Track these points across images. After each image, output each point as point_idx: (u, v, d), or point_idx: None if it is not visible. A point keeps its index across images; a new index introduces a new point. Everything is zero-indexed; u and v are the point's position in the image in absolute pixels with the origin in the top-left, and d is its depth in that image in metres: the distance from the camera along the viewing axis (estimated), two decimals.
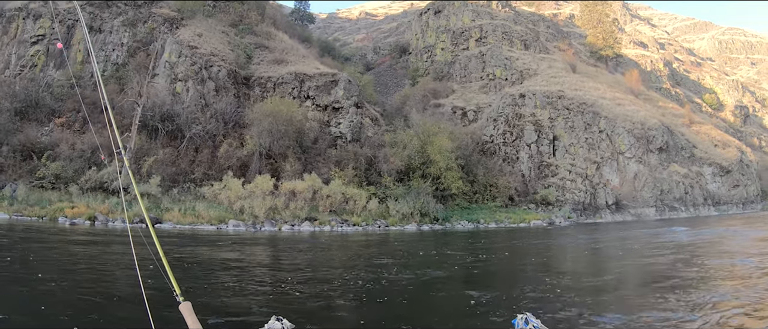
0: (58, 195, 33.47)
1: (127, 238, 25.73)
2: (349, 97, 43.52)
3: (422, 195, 39.11)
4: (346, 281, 15.08)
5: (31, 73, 44.25)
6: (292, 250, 23.58)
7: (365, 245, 26.13)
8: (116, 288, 13.26)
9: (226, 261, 18.96)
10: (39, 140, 37.76)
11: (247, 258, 20.73)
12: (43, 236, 23.55)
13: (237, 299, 12.59)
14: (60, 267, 15.88)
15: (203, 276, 15.15)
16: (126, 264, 15.86)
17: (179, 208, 32.50)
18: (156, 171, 35.10)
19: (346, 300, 12.74)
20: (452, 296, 13.88)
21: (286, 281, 14.68)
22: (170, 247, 22.05)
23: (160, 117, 37.57)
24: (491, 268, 19.52)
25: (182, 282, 13.34)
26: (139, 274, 6.23)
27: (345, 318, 11.19)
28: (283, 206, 33.97)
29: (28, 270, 14.73)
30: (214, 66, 41.95)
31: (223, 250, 22.50)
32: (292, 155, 38.19)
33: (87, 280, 13.93)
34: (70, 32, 45.77)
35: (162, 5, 48.76)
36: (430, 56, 71.20)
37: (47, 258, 17.42)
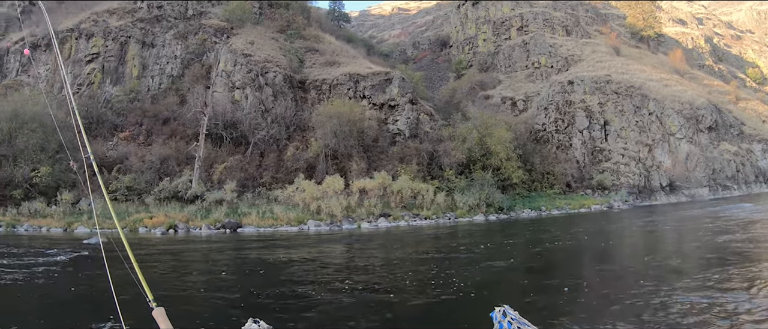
0: (134, 207, 33.88)
1: (224, 243, 26.41)
2: (403, 94, 43.38)
3: (486, 186, 39.09)
4: (431, 275, 14.97)
5: (89, 90, 44.94)
6: (384, 245, 23.67)
7: (442, 237, 26.33)
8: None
9: (340, 258, 19.44)
10: (106, 154, 38.31)
11: (353, 254, 21.07)
12: (151, 245, 24.19)
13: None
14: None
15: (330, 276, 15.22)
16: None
17: (256, 212, 32.59)
18: (226, 178, 35.38)
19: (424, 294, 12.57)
20: (543, 284, 13.67)
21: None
22: (272, 250, 22.34)
23: (223, 125, 37.81)
24: (582, 250, 19.94)
25: (315, 284, 13.35)
26: (109, 277, 6.03)
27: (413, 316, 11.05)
28: (357, 204, 33.98)
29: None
30: (269, 72, 42.14)
31: (330, 247, 23.03)
32: (356, 155, 38.20)
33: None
34: (123, 49, 46.44)
35: (211, 16, 49.22)
36: (471, 48, 70.71)
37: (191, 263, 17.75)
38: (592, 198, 46.95)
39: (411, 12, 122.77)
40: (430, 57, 70.08)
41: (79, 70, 46.41)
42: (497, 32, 70.87)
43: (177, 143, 38.41)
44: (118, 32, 46.71)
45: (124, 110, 42.73)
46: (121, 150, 38.62)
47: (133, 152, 37.79)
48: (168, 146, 37.78)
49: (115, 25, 47.29)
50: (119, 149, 38.83)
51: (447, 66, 68.53)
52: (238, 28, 47.79)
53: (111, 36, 46.57)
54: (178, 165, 36.79)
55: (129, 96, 43.58)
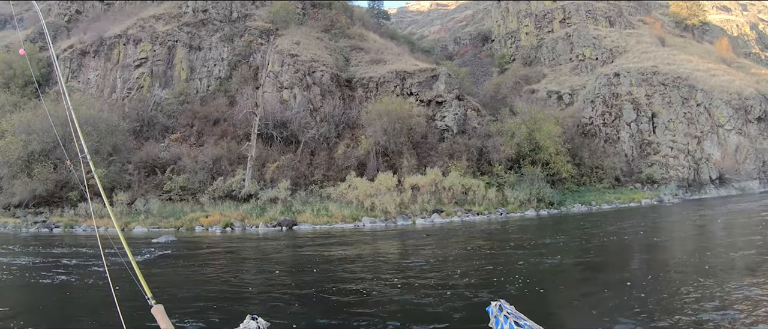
0: (189, 206, 34.29)
1: (281, 240, 26.58)
2: (450, 90, 43.08)
3: (536, 181, 38.69)
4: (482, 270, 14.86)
5: (139, 94, 45.73)
6: (440, 241, 23.61)
7: (496, 233, 26.04)
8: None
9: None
10: (159, 156, 38.93)
11: (410, 250, 20.89)
12: (212, 243, 24.69)
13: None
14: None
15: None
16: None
17: (310, 209, 32.65)
18: (278, 176, 35.59)
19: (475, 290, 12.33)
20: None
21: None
22: (329, 246, 22.38)
23: (273, 125, 38.03)
24: (638, 245, 19.55)
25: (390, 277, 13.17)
26: (109, 279, 6.18)
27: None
28: (410, 201, 33.82)
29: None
30: (316, 72, 42.23)
31: (389, 243, 23.32)
32: (407, 151, 38.06)
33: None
34: (170, 53, 47.15)
35: (255, 18, 49.63)
36: (514, 42, 69.94)
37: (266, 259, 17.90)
38: (641, 192, 46.15)
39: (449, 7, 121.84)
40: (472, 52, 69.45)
41: (128, 75, 47.26)
42: (539, 25, 69.93)
43: (228, 143, 38.75)
44: (165, 37, 47.42)
45: (174, 113, 43.35)
46: (173, 151, 39.17)
47: (185, 153, 38.28)
48: (220, 147, 38.15)
49: (162, 30, 48.00)
50: (171, 151, 39.39)
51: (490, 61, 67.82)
52: (283, 29, 48.07)
53: (158, 41, 47.29)
54: (230, 165, 37.10)
55: (178, 99, 44.21)
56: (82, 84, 49.65)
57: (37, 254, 20.69)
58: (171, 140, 40.80)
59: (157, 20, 49.82)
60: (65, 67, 51.42)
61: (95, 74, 49.44)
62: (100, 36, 50.51)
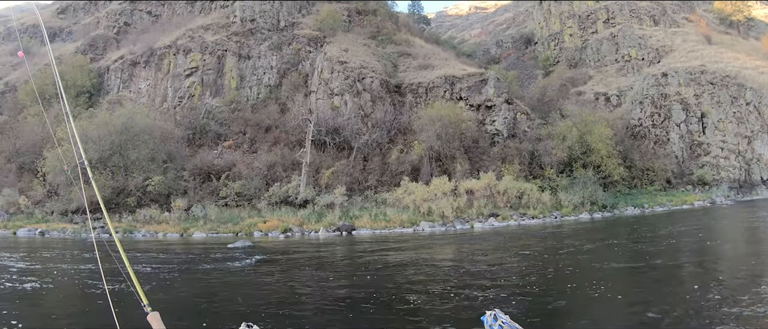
0: (246, 211, 34.66)
1: (341, 245, 26.66)
2: (499, 94, 42.83)
3: (589, 184, 38.27)
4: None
5: (190, 103, 46.52)
6: (503, 244, 23.50)
7: (556, 236, 26.08)
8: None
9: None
10: (213, 162, 39.46)
11: (471, 254, 21.43)
12: (288, 248, 25.46)
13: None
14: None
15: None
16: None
17: (367, 214, 32.73)
18: (333, 182, 35.81)
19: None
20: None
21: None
22: (401, 252, 22.57)
23: (325, 131, 38.29)
24: (700, 248, 19.40)
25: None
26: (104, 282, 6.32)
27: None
28: (466, 205, 33.72)
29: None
30: (366, 78, 42.42)
31: (459, 247, 23.65)
32: (460, 156, 37.98)
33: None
34: (220, 62, 47.92)
35: (303, 26, 50.12)
36: (557, 44, 69.24)
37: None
38: (692, 194, 45.41)
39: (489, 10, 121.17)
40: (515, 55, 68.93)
41: (178, 84, 48.12)
42: (583, 26, 69.12)
43: (281, 149, 39.17)
44: (215, 46, 48.17)
45: (225, 120, 43.98)
46: (227, 158, 39.69)
47: (239, 160, 38.82)
48: (273, 153, 38.58)
49: (211, 40, 48.77)
50: (225, 157, 39.91)
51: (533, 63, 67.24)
52: (331, 37, 48.44)
53: (208, 50, 48.06)
54: (284, 171, 37.44)
55: (229, 107, 44.86)
56: (134, 93, 50.72)
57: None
58: (224, 148, 41.38)
59: (205, 30, 50.63)
60: (117, 78, 52.65)
61: (146, 84, 50.47)
62: (150, 47, 51.56)
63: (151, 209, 36.23)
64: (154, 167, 38.13)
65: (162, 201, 37.15)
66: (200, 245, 26.73)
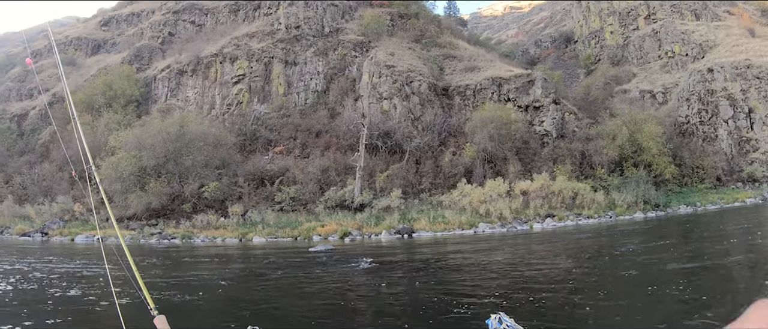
0: (303, 216, 35.07)
1: (406, 247, 26.78)
2: (546, 94, 42.72)
3: (641, 183, 37.93)
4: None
5: (238, 109, 47.25)
6: (569, 245, 23.60)
7: (616, 236, 25.95)
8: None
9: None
10: (266, 168, 40.00)
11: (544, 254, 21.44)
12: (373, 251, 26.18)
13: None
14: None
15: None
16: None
17: (425, 217, 32.89)
18: (388, 186, 36.08)
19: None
20: None
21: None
22: (472, 253, 22.77)
23: (377, 135, 38.56)
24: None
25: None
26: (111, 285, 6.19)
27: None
28: (523, 206, 33.71)
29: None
30: (414, 81, 42.66)
31: (522, 248, 23.81)
32: (512, 157, 37.97)
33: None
34: (267, 69, 48.61)
35: (347, 31, 50.58)
36: (598, 42, 68.51)
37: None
38: (743, 191, 44.48)
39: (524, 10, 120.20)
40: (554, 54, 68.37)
41: (226, 92, 48.92)
42: (624, 23, 68.29)
43: (334, 154, 39.57)
44: (261, 54, 48.88)
45: (275, 126, 44.55)
46: (279, 163, 40.21)
47: (292, 165, 39.29)
48: (326, 158, 39.00)
49: (257, 47, 49.49)
50: (277, 163, 40.43)
51: (575, 62, 66.66)
52: (375, 41, 48.83)
53: (254, 57, 48.78)
54: (338, 175, 37.82)
55: (279, 113, 45.44)
56: (181, 101, 51.67)
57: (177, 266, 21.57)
58: (275, 153, 41.92)
59: (250, 38, 51.40)
60: (164, 87, 53.68)
61: (194, 92, 51.39)
62: (196, 55, 52.48)
63: (207, 214, 36.83)
64: (208, 173, 38.74)
65: (217, 207, 37.75)
66: (273, 249, 27.08)
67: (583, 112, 46.64)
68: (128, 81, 54.11)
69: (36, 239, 37.08)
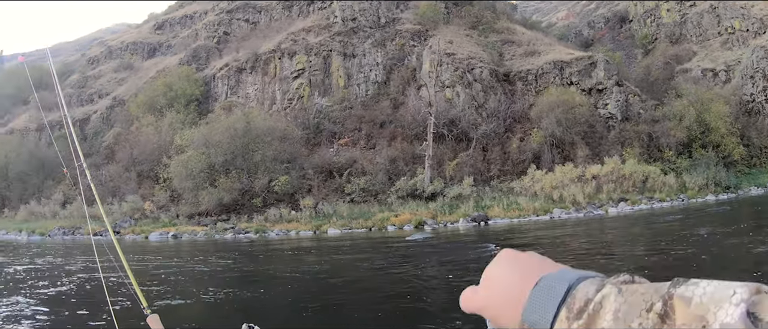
0: (376, 207, 35.51)
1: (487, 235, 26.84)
2: (609, 76, 42.14)
3: (711, 165, 37.21)
4: None
5: (300, 103, 48.01)
6: (658, 228, 23.74)
7: (697, 218, 25.60)
8: None
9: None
10: (333, 160, 40.63)
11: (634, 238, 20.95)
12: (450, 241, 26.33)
13: None
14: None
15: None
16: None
17: (497, 204, 33.00)
18: (457, 174, 36.30)
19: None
20: None
21: None
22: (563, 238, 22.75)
23: (442, 124, 38.73)
24: None
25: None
26: (103, 284, 6.33)
27: None
28: (595, 191, 33.50)
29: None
30: (475, 69, 42.67)
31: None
32: (579, 142, 37.72)
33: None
34: (326, 62, 49.19)
35: (403, 21, 50.77)
36: (654, 20, 66.71)
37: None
38: None
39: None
40: (609, 35, 66.96)
41: (286, 87, 49.74)
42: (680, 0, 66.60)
43: (400, 144, 39.94)
44: (319, 47, 49.45)
45: (338, 119, 45.14)
46: (346, 155, 40.78)
47: (360, 156, 39.85)
48: (393, 148, 39.43)
49: (315, 41, 50.09)
50: (343, 155, 41.02)
51: (631, 42, 65.14)
52: (433, 30, 48.86)
53: (313, 52, 49.39)
54: (406, 165, 38.19)
55: (341, 105, 46.02)
56: (242, 98, 52.73)
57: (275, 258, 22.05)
58: (340, 145, 42.50)
59: (307, 33, 52.03)
60: (224, 85, 54.83)
61: (254, 88, 52.36)
62: (254, 52, 53.41)
63: (278, 208, 37.54)
64: (277, 167, 39.46)
65: (287, 200, 38.45)
66: (359, 240, 27.61)
67: (645, 93, 45.88)
68: (188, 81, 55.37)
69: (108, 237, 38.31)
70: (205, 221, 38.58)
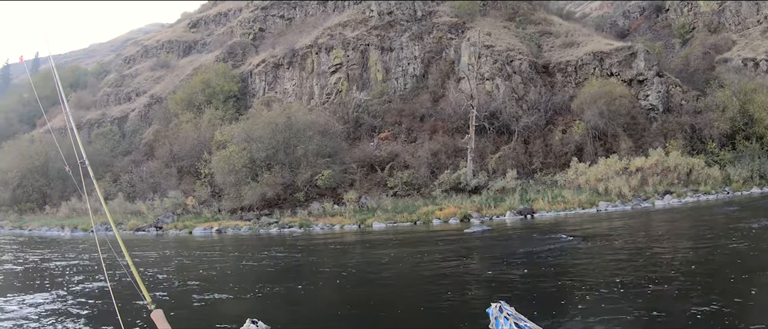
0: (421, 201, 35.76)
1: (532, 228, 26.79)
2: (650, 67, 41.73)
3: (755, 157, 36.74)
4: None
5: (338, 98, 48.47)
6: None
7: (739, 213, 24.75)
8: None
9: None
10: (374, 154, 41.01)
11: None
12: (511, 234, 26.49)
13: None
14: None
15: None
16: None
17: (542, 197, 33.05)
18: (499, 167, 36.44)
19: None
20: None
21: None
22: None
23: (483, 117, 38.81)
24: None
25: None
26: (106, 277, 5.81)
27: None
28: (639, 183, 33.34)
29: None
30: (514, 60, 42.64)
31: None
32: (622, 133, 37.52)
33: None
34: (364, 56, 49.55)
35: (440, 14, 50.87)
36: (691, 9, 65.86)
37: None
38: None
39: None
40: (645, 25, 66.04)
41: (324, 81, 50.24)
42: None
43: (441, 137, 40.16)
44: (356, 42, 49.81)
45: (377, 113, 45.49)
46: (387, 149, 41.17)
47: (401, 150, 40.21)
48: (434, 141, 39.67)
49: (352, 36, 50.45)
50: (384, 148, 41.39)
51: (668, 32, 64.33)
52: (470, 22, 48.95)
53: (350, 46, 49.78)
54: (448, 158, 38.42)
55: (380, 99, 46.35)
56: (280, 94, 53.41)
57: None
58: (380, 139, 42.86)
59: (344, 27, 52.43)
60: (261, 81, 55.57)
61: (291, 84, 53.00)
62: (291, 48, 54.04)
63: (321, 202, 37.97)
64: (319, 161, 39.86)
65: (329, 194, 38.86)
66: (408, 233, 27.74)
67: (685, 84, 45.36)
68: (225, 78, 56.23)
69: (151, 233, 39.13)
70: (248, 215, 39.12)
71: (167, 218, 41.66)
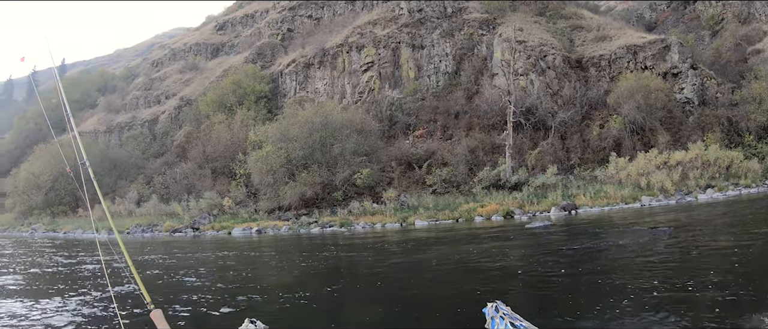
0: (462, 198, 36.09)
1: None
2: (684, 60, 41.62)
3: None
4: None
5: (370, 96, 48.87)
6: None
7: None
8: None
9: None
10: (410, 152, 41.36)
11: None
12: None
13: None
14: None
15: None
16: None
17: (583, 192, 33.24)
18: (538, 163, 36.67)
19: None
20: None
21: None
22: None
23: (520, 113, 38.98)
24: None
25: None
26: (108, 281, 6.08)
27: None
28: (681, 177, 33.38)
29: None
30: (547, 56, 42.73)
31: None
32: (659, 127, 37.54)
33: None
34: (395, 54, 49.94)
35: (470, 10, 51.00)
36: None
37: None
38: None
39: None
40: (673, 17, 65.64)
41: (356, 80, 50.73)
42: None
43: (478, 134, 40.43)
44: (387, 40, 50.20)
45: (411, 110, 45.86)
46: (423, 146, 41.53)
47: (438, 147, 40.54)
48: (471, 138, 39.95)
49: (382, 34, 50.83)
50: (420, 146, 41.74)
51: (697, 24, 63.87)
52: (501, 18, 49.11)
53: (381, 44, 50.19)
54: (486, 155, 38.72)
55: (414, 97, 46.72)
56: (311, 93, 53.98)
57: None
58: (415, 137, 43.21)
59: (374, 26, 52.82)
60: (292, 81, 56.16)
61: (323, 83, 53.55)
62: (321, 47, 54.55)
63: (360, 201, 38.31)
64: (358, 160, 40.24)
65: (367, 193, 39.22)
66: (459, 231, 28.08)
67: (719, 76, 45.16)
68: (255, 78, 56.85)
69: (188, 234, 39.64)
70: (286, 215, 39.48)
71: (204, 220, 42.21)
